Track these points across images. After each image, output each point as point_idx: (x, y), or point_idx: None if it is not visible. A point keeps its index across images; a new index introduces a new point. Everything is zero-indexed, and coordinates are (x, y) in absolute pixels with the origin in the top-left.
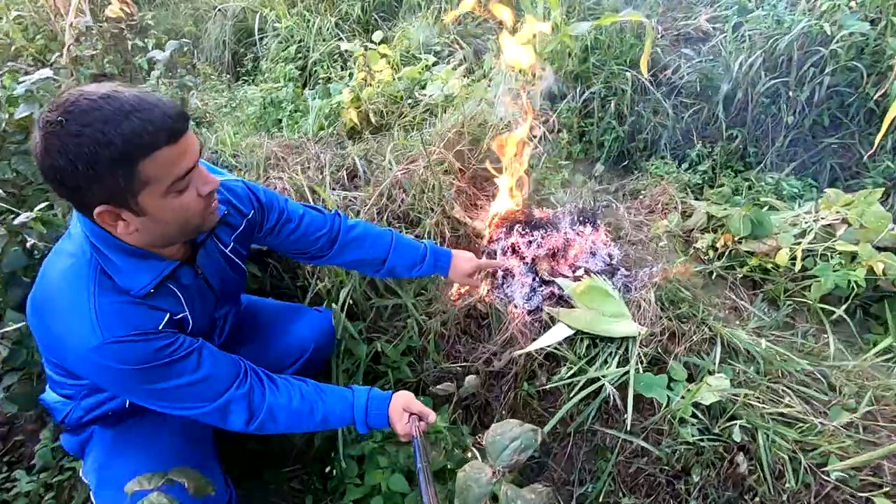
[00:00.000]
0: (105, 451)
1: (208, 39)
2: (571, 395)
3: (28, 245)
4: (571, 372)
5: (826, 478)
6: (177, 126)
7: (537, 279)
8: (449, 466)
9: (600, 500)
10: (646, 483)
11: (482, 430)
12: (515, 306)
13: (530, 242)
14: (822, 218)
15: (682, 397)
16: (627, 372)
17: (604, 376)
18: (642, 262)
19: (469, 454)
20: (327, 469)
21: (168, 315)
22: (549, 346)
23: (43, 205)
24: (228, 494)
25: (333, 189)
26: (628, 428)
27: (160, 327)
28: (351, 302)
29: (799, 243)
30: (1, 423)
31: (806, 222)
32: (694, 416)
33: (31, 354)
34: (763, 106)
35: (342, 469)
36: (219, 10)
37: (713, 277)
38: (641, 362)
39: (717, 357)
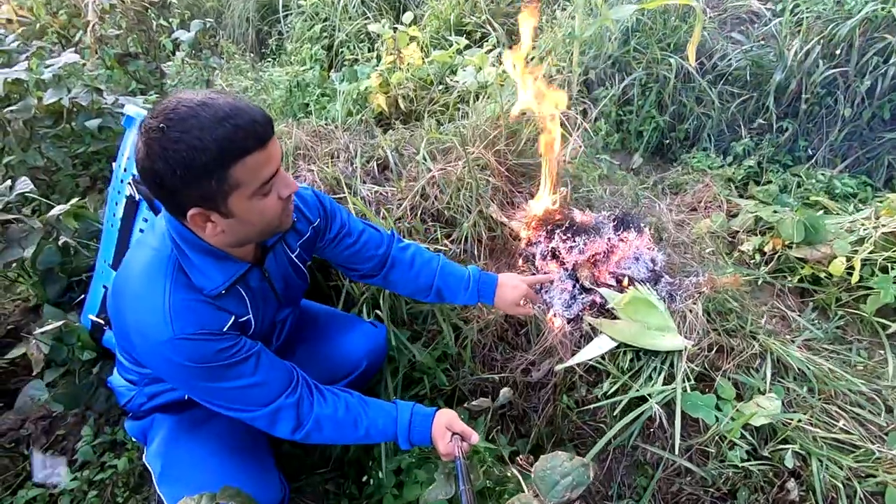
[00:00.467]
0: (167, 440)
1: (231, 16)
2: (615, 414)
3: (60, 242)
4: (614, 388)
5: None
6: (264, 132)
7: (578, 286)
8: (488, 484)
9: None
10: (688, 502)
11: (519, 441)
12: (555, 315)
13: (571, 248)
14: (883, 225)
15: (732, 418)
16: (674, 390)
17: (649, 395)
18: (687, 268)
19: (509, 473)
20: (364, 478)
21: (233, 317)
22: (590, 360)
23: (75, 200)
24: (283, 492)
25: (364, 182)
26: (676, 450)
27: (225, 329)
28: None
29: (856, 251)
30: (43, 417)
31: (865, 229)
32: (742, 436)
33: (72, 352)
34: (818, 97)
35: (379, 479)
36: None
37: (759, 284)
38: (687, 379)
39: (767, 374)
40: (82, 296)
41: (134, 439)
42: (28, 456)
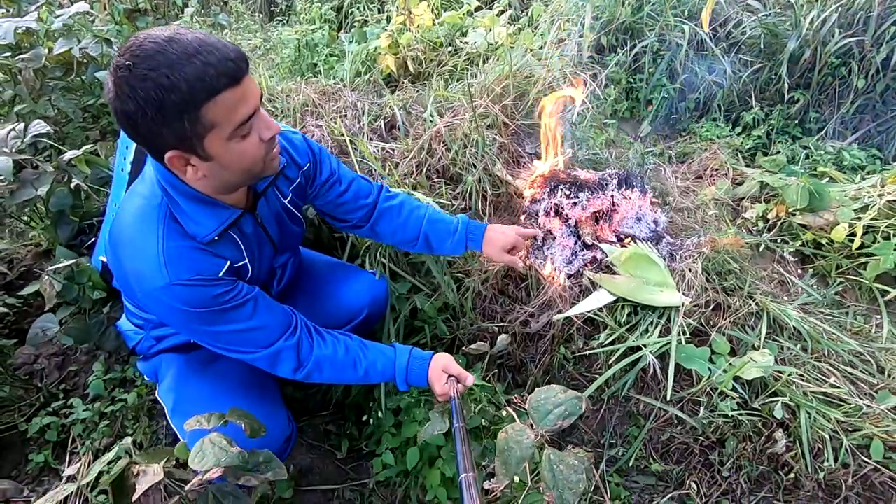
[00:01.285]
0: (178, 377)
1: None
2: (610, 363)
3: (73, 185)
4: (611, 339)
5: (867, 460)
6: (237, 69)
7: (579, 243)
8: (483, 423)
9: (630, 463)
10: (678, 451)
11: (516, 390)
12: (556, 269)
13: (574, 204)
14: (888, 193)
15: (724, 371)
16: (669, 342)
17: (644, 345)
18: (689, 230)
19: (504, 413)
20: (364, 417)
21: (228, 263)
22: (588, 312)
23: (88, 146)
24: (291, 429)
25: (371, 139)
26: (668, 398)
27: (220, 274)
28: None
29: (859, 218)
30: (56, 354)
31: (869, 196)
32: (734, 389)
33: (83, 290)
34: (832, 67)
35: (378, 418)
36: None
37: (761, 249)
38: (683, 333)
39: (762, 332)
40: (93, 239)
41: (146, 377)
42: (41, 388)
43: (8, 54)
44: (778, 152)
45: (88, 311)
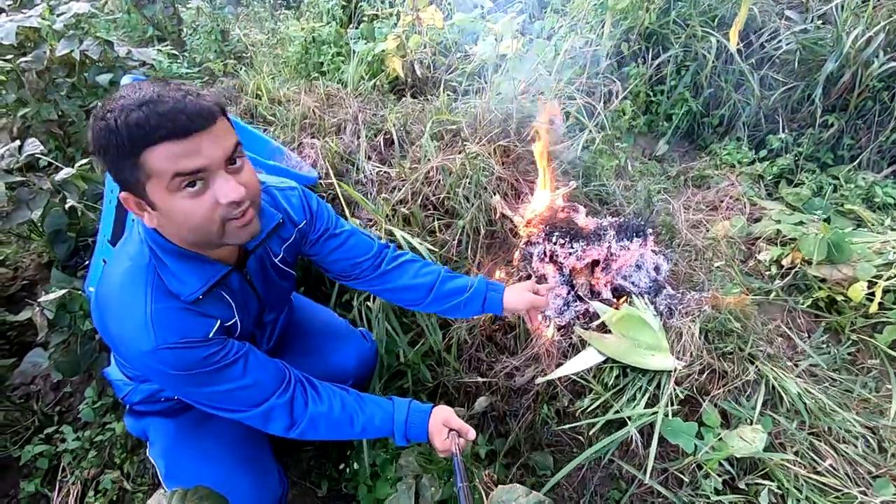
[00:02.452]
0: (168, 444)
1: None
2: (592, 432)
3: (67, 206)
4: (596, 404)
5: None
6: (188, 124)
7: (572, 293)
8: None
9: None
10: None
11: (498, 440)
12: (546, 319)
13: (569, 254)
14: None
15: (713, 448)
16: (656, 413)
17: (629, 418)
18: (693, 278)
19: (476, 482)
20: (341, 466)
21: (218, 322)
22: (574, 375)
23: (83, 161)
24: (283, 486)
25: (370, 157)
26: (648, 473)
27: (210, 335)
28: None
29: (880, 277)
30: (51, 375)
31: (894, 252)
32: (720, 464)
33: (74, 319)
34: (873, 91)
35: (354, 469)
36: None
37: (771, 297)
38: (672, 403)
39: (758, 403)
40: (87, 262)
41: (133, 434)
42: (35, 412)
43: (11, 56)
44: (802, 183)
45: (80, 339)
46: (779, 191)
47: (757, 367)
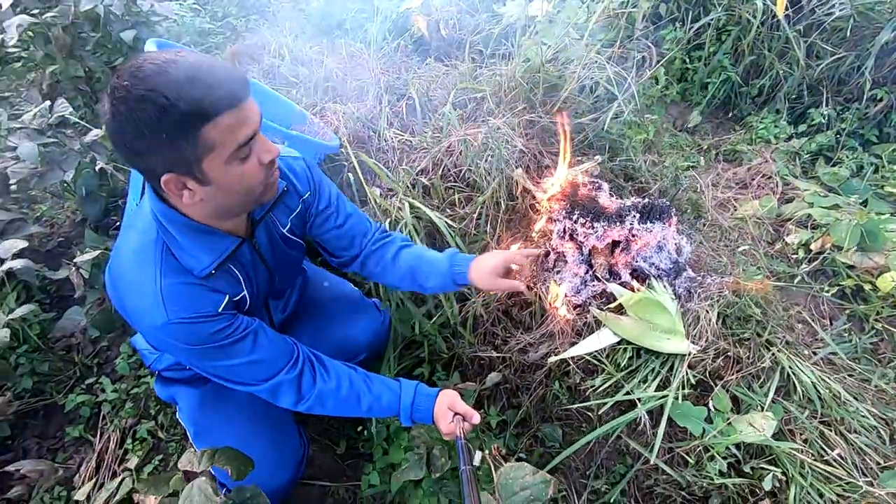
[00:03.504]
0: (196, 409)
1: None
2: (601, 411)
3: (97, 167)
4: (607, 384)
5: None
6: (238, 91)
7: (591, 273)
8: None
9: (612, 501)
10: (659, 497)
11: (510, 411)
12: (563, 297)
13: (589, 233)
14: None
15: (721, 432)
16: (666, 396)
17: (639, 399)
18: (715, 261)
19: (483, 454)
20: (359, 428)
21: (227, 297)
22: (588, 354)
23: None
24: (303, 446)
25: (391, 124)
26: (655, 452)
27: (220, 310)
28: None
29: None
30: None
31: None
32: (727, 448)
33: None
34: None
35: (370, 432)
36: None
37: (796, 281)
38: (684, 386)
39: (771, 390)
40: (119, 223)
41: (162, 398)
42: (76, 363)
43: (37, 11)
44: (841, 162)
45: None
46: (815, 169)
47: (773, 354)
